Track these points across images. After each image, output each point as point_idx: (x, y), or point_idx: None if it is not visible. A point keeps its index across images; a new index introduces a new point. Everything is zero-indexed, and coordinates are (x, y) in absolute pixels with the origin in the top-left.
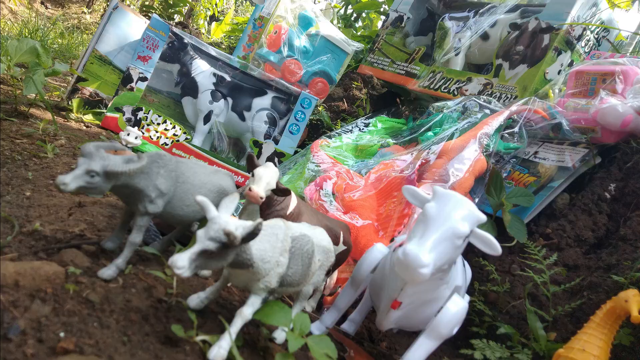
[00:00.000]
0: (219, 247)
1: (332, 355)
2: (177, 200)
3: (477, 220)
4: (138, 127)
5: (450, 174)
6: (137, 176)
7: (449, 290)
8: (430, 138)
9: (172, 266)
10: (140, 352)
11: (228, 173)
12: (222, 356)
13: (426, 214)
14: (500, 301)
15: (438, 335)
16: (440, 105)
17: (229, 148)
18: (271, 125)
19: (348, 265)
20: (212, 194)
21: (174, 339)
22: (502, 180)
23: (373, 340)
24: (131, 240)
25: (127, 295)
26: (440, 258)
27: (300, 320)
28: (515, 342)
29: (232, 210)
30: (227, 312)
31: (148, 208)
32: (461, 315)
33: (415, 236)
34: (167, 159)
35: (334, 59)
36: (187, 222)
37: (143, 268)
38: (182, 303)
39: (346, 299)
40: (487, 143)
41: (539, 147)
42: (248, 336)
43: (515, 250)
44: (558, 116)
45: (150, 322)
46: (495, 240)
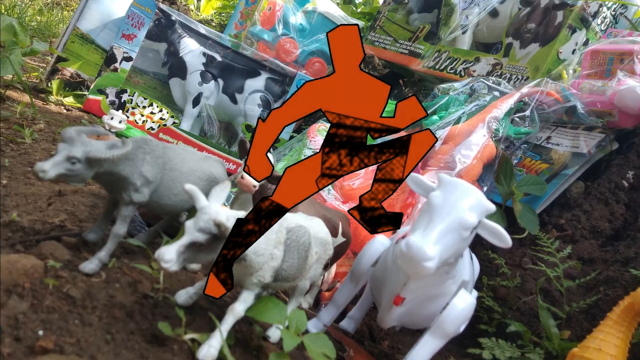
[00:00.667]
0: (209, 239)
1: (330, 354)
2: (164, 188)
3: (485, 210)
4: (122, 110)
5: (456, 161)
6: (122, 163)
7: (455, 285)
8: (435, 122)
9: (159, 259)
10: (125, 352)
11: (219, 160)
12: (212, 356)
13: (431, 204)
14: (510, 297)
15: (444, 334)
16: (446, 87)
17: (219, 133)
18: (265, 108)
19: (347, 259)
20: (202, 182)
21: (160, 338)
22: (513, 168)
23: (374, 338)
24: (115, 231)
25: (111, 291)
26: (446, 251)
27: (296, 318)
28: (526, 340)
29: (223, 199)
30: (217, 309)
31: (133, 197)
32: (468, 312)
33: (419, 227)
34: (154, 144)
35: None
36: (175, 212)
37: (128, 261)
38: (170, 299)
39: (345, 294)
40: (497, 128)
41: (552, 132)
42: (240, 334)
43: (527, 242)
44: (572, 99)
45: (135, 319)
46: (505, 231)
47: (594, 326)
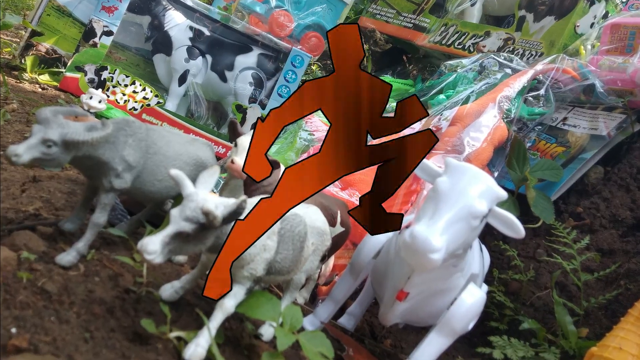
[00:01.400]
0: (196, 228)
1: (327, 354)
2: (148, 174)
3: (496, 197)
4: (102, 89)
5: (465, 144)
6: (101, 146)
7: (463, 279)
8: (442, 102)
9: (142, 251)
10: (105, 351)
11: (207, 143)
12: (200, 355)
13: (437, 190)
14: (523, 291)
15: (451, 331)
16: (453, 64)
17: (207, 113)
18: (257, 87)
19: (346, 250)
20: (189, 167)
21: (143, 336)
22: (526, 151)
23: (375, 337)
24: (94, 220)
25: (90, 285)
26: (453, 241)
27: (291, 314)
28: (540, 339)
29: (211, 185)
30: (205, 305)
31: (114, 183)
32: (478, 308)
33: (424, 216)
34: (136, 126)
35: (330, 10)
36: (159, 200)
37: (108, 253)
38: (154, 294)
39: (344, 289)
40: (508, 108)
41: (569, 112)
42: (230, 332)
43: (541, 232)
44: (590, 76)
45: (116, 315)
46: (518, 220)
47: (614, 323)
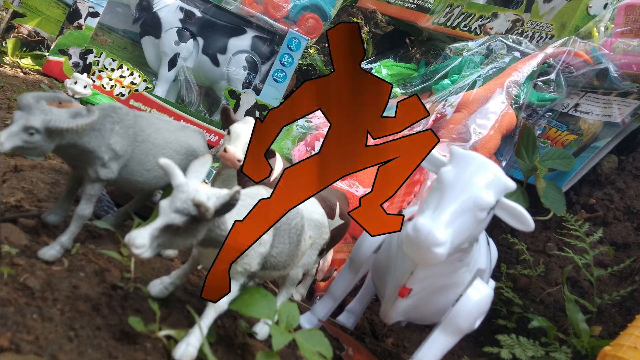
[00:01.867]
0: (187, 221)
1: (326, 353)
2: (136, 163)
3: (504, 188)
4: (87, 73)
5: (471, 132)
6: (87, 134)
7: (469, 274)
8: (446, 87)
9: (130, 244)
10: (90, 350)
11: (198, 130)
12: (190, 355)
13: (442, 181)
14: (532, 287)
15: (456, 330)
16: (459, 47)
17: (199, 99)
18: (251, 71)
19: (346, 244)
20: (179, 156)
21: (131, 334)
22: (535, 139)
23: (376, 335)
24: (79, 212)
25: (74, 281)
26: (459, 234)
27: (287, 311)
28: (551, 337)
29: (203, 175)
30: (196, 302)
31: (100, 173)
32: (485, 305)
33: (428, 208)
34: (124, 112)
35: None
36: (148, 191)
37: (94, 247)
38: (142, 290)
39: (343, 285)
40: (517, 93)
41: (581, 98)
42: (223, 331)
43: (552, 225)
44: (604, 60)
45: (103, 313)
46: (527, 212)
47: (629, 321)
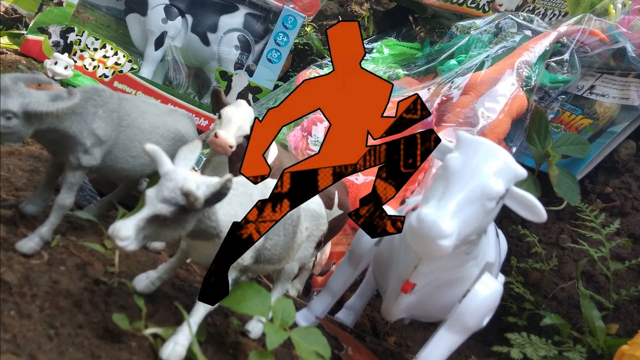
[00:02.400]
0: (175, 211)
1: (323, 353)
2: (120, 149)
3: (514, 175)
4: (69, 53)
5: (479, 116)
6: (68, 118)
7: (477, 269)
8: (453, 68)
9: (114, 236)
10: (71, 350)
11: (187, 114)
12: (179, 355)
13: (448, 168)
14: (545, 282)
15: (463, 328)
16: (466, 25)
17: (188, 81)
18: (244, 51)
19: (345, 236)
20: (166, 142)
21: (115, 333)
22: (548, 124)
23: (378, 333)
24: (59, 202)
25: (55, 275)
26: (466, 226)
27: (282, 308)
28: (564, 336)
29: (192, 162)
30: (185, 297)
31: (82, 160)
32: (493, 301)
33: (433, 197)
34: (107, 95)
35: None
36: (133, 179)
37: (75, 239)
38: (127, 285)
39: (342, 279)
40: (528, 75)
41: (596, 80)
42: (213, 329)
43: (565, 215)
44: (621, 39)
45: (85, 310)
46: (539, 202)
47: None
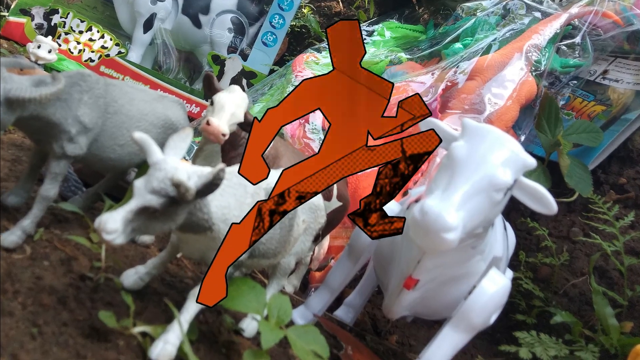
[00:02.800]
0: (164, 202)
1: (321, 353)
2: (107, 137)
3: (523, 165)
4: (53, 36)
5: (486, 102)
6: (52, 105)
7: (484, 264)
8: (458, 52)
9: (100, 229)
10: (55, 349)
11: (177, 100)
12: (169, 354)
13: (453, 157)
14: (555, 278)
15: (469, 326)
16: (472, 7)
17: (178, 65)
18: (237, 33)
19: (344, 229)
20: (156, 129)
21: (102, 331)
22: (559, 111)
23: (379, 332)
24: (43, 193)
25: (38, 270)
26: (472, 218)
27: (278, 305)
28: (576, 335)
29: (183, 151)
30: (176, 294)
31: (66, 149)
32: (501, 298)
33: (437, 188)
34: (93, 80)
35: None
36: (121, 169)
37: (59, 232)
38: (114, 281)
39: (342, 275)
40: (538, 59)
41: (610, 64)
42: (205, 327)
43: (577, 207)
44: (636, 21)
45: (70, 307)
46: (549, 193)
47: None
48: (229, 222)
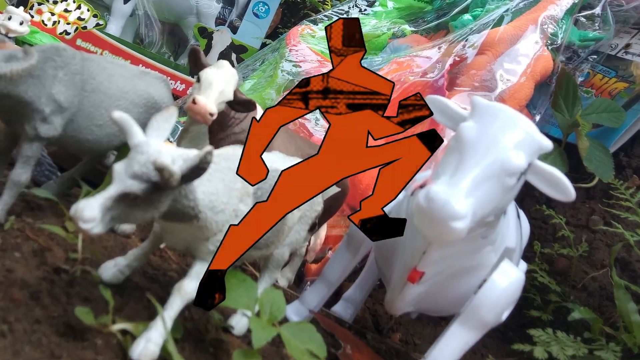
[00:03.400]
0: (147, 188)
1: (318, 352)
2: (84, 117)
3: (538, 148)
4: (24, 7)
5: (497, 79)
6: (23, 81)
7: (495, 255)
8: (467, 24)
9: (77, 218)
10: (28, 348)
11: (161, 77)
12: (151, 354)
13: (461, 139)
14: (573, 271)
15: (479, 323)
16: None
17: (162, 39)
18: (226, 4)
19: (343, 217)
20: (137, 109)
21: (78, 329)
22: (577, 88)
23: (380, 329)
24: (14, 178)
25: (8, 263)
26: (482, 205)
27: (271, 300)
28: (596, 332)
29: (167, 133)
30: (159, 288)
31: (39, 130)
32: (514, 293)
33: (444, 172)
34: (69, 55)
35: None
36: (99, 151)
37: (32, 221)
38: (91, 274)
39: (340, 267)
40: (554, 31)
41: (633, 37)
42: (191, 324)
43: (597, 193)
44: None
45: (43, 302)
46: (566, 178)
47: None
48: (217, 209)
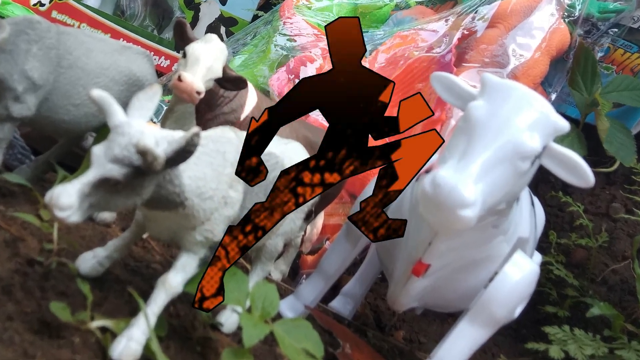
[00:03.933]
0: (128, 173)
1: (314, 351)
2: (60, 96)
3: (553, 129)
4: None
5: (509, 54)
6: None
7: (507, 246)
8: None
9: (52, 205)
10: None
11: (143, 52)
12: (133, 354)
13: (471, 120)
14: (592, 263)
15: (490, 319)
16: None
17: (144, 11)
18: None
19: (342, 204)
20: (118, 86)
21: (53, 326)
22: (596, 64)
23: (382, 327)
24: None
25: None
26: (493, 192)
27: (263, 295)
28: (616, 330)
29: (150, 112)
30: (141, 281)
31: (11, 109)
32: (527, 287)
33: (452, 156)
34: (44, 28)
35: None
36: (76, 133)
37: (3, 208)
38: (68, 266)
39: (338, 259)
40: (571, 3)
41: None
42: (177, 321)
43: (617, 178)
44: None
45: (16, 297)
46: (585, 162)
47: None
48: (205, 196)
